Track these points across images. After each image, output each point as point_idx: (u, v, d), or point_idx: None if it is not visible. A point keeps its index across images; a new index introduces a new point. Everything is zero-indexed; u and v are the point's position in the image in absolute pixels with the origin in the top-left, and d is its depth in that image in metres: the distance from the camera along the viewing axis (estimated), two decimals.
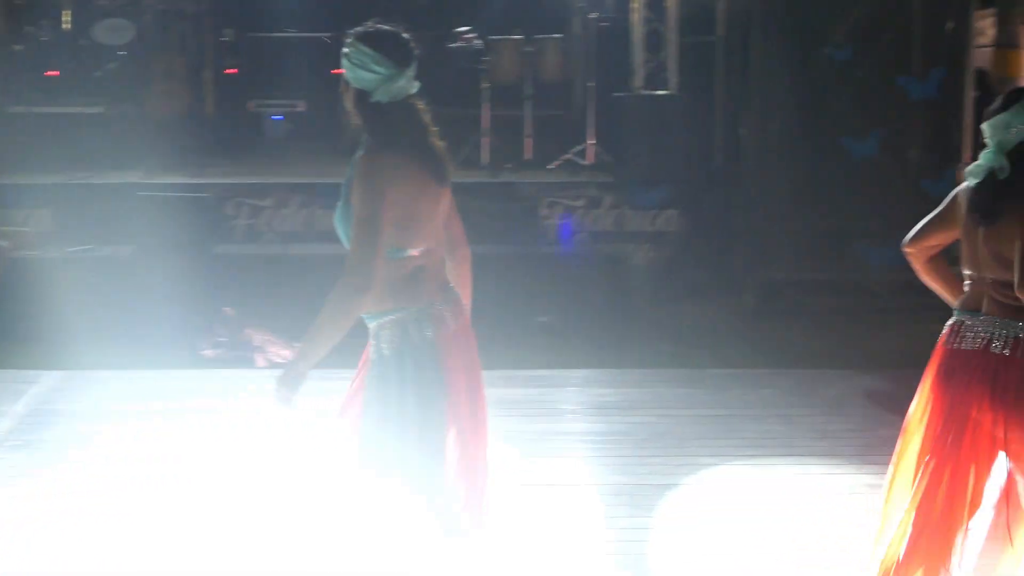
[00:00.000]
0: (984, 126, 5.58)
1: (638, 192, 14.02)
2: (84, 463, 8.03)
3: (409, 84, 5.09)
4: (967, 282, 5.54)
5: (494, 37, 15.48)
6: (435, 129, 5.22)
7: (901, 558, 5.45)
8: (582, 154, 15.01)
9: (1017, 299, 5.12)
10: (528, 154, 15.08)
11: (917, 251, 5.84)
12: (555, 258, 13.46)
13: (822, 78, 13.62)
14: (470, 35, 15.47)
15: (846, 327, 12.23)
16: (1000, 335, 5.33)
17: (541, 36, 16.74)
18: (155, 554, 6.72)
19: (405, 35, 5.11)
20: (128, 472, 7.83)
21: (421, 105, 5.23)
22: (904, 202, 13.56)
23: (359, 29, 5.08)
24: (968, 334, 5.47)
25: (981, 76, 14.29)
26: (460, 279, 5.34)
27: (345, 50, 5.16)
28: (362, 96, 5.11)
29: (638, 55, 15.48)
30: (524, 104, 15.53)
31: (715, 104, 15.10)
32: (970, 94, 13.84)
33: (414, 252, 5.06)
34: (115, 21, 18.62)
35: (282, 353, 10.81)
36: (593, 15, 16.32)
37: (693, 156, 14.64)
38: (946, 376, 5.56)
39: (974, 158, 14.16)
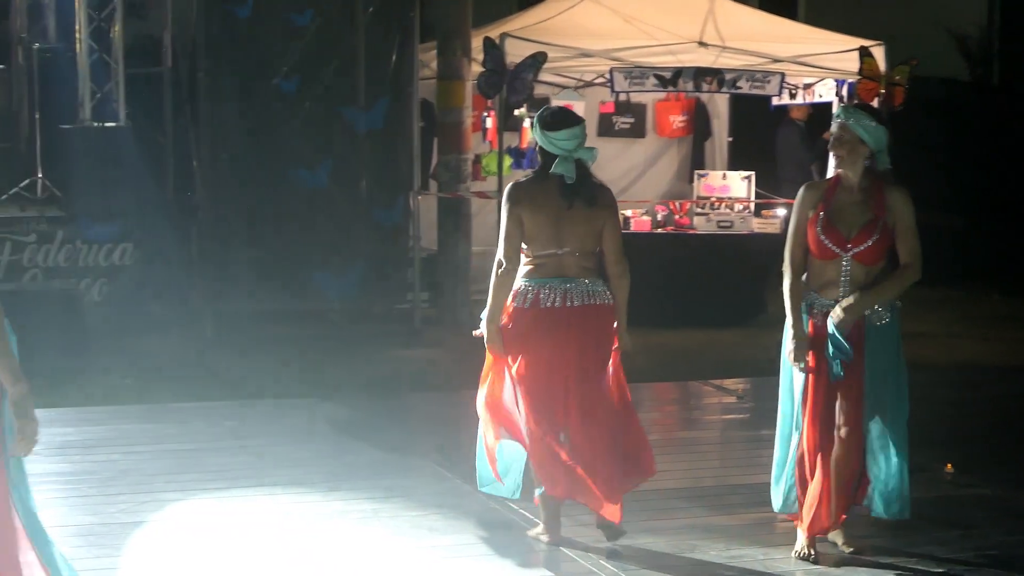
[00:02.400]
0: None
1: (91, 226, 13.66)
2: None
3: None
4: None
5: None
6: None
7: None
8: (30, 188, 14.55)
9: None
10: None
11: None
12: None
13: (271, 109, 13.65)
14: None
15: (306, 356, 12.28)
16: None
17: None
18: None
19: None
20: None
21: None
22: (357, 232, 13.80)
23: None
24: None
25: (426, 106, 14.66)
26: None
27: None
28: None
29: (84, 86, 15.13)
30: None
31: (166, 135, 14.94)
32: (416, 124, 14.19)
33: None
34: None
35: None
36: (36, 45, 15.88)
37: (146, 188, 14.35)
38: (546, 329, 6.89)
39: (423, 185, 14.54)
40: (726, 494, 7.68)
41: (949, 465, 8.57)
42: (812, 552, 6.91)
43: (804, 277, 6.89)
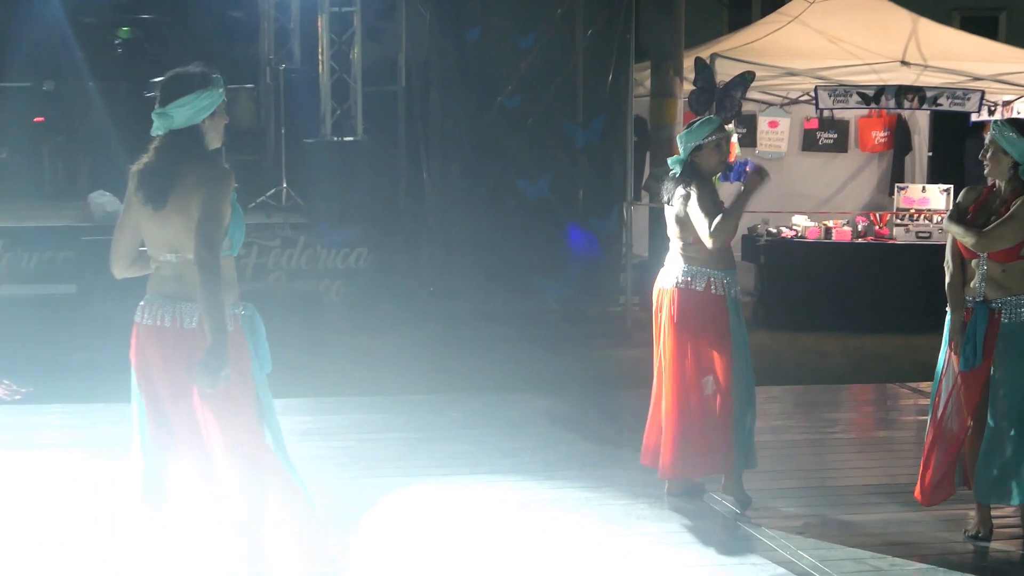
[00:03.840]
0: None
1: (330, 232, 13.93)
2: None
3: None
4: None
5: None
6: None
7: None
8: (276, 197, 14.90)
9: None
10: None
11: None
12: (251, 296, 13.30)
13: (496, 125, 13.78)
14: None
15: (524, 353, 12.31)
16: None
17: (234, 86, 16.58)
18: None
19: None
20: None
21: None
22: (574, 239, 13.88)
23: None
24: None
25: (640, 122, 14.70)
26: None
27: None
28: None
29: (326, 104, 15.47)
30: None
31: (399, 148, 15.17)
32: (630, 139, 14.23)
33: None
34: None
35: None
36: (283, 66, 16.27)
37: (380, 197, 14.59)
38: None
39: (636, 196, 14.58)
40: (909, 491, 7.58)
41: None
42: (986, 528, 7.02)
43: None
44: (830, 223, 14.13)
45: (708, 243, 7.07)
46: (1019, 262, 6.77)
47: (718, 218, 7.09)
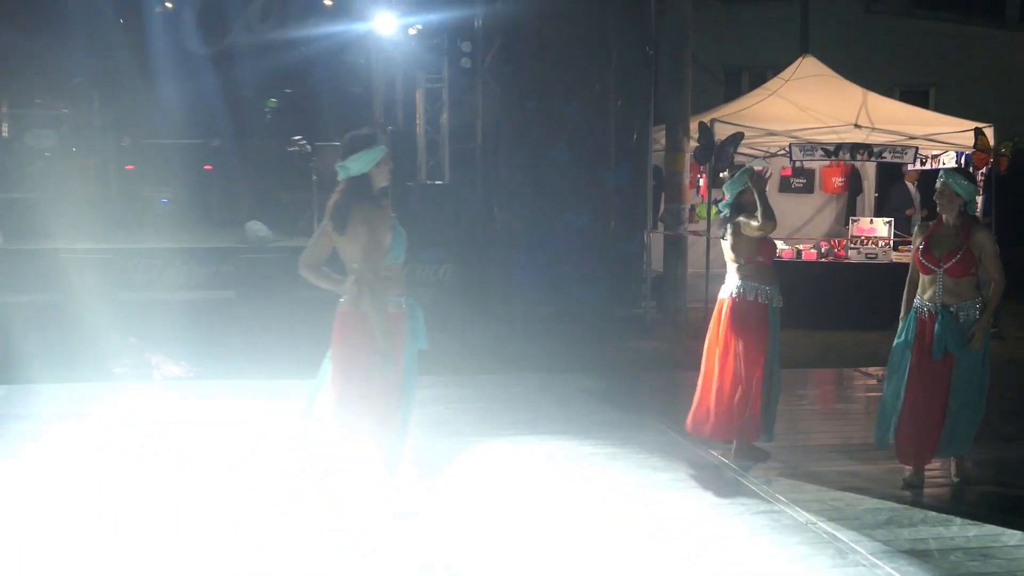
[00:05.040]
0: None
1: (423, 252, 13.96)
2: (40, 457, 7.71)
3: None
4: None
5: (319, 143, 15.40)
6: None
7: None
8: None
9: None
10: None
11: None
12: None
13: (549, 172, 13.79)
14: (302, 141, 15.34)
15: (568, 345, 12.28)
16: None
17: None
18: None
19: None
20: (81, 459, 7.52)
21: None
22: (606, 258, 13.88)
23: None
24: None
25: (656, 171, 14.66)
26: None
27: None
28: None
29: (422, 156, 15.54)
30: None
31: (476, 190, 15.21)
32: (650, 183, 14.20)
33: None
34: (42, 131, 18.04)
35: (173, 370, 10.60)
36: (389, 128, 16.38)
37: (461, 227, 14.63)
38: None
39: (654, 226, 14.31)
40: (868, 449, 7.52)
41: None
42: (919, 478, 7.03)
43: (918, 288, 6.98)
44: (801, 247, 14.05)
45: (767, 230, 7.30)
46: (970, 278, 6.80)
47: (759, 216, 7.29)
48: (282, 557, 5.64)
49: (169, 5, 16.56)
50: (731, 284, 7.48)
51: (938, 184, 6.89)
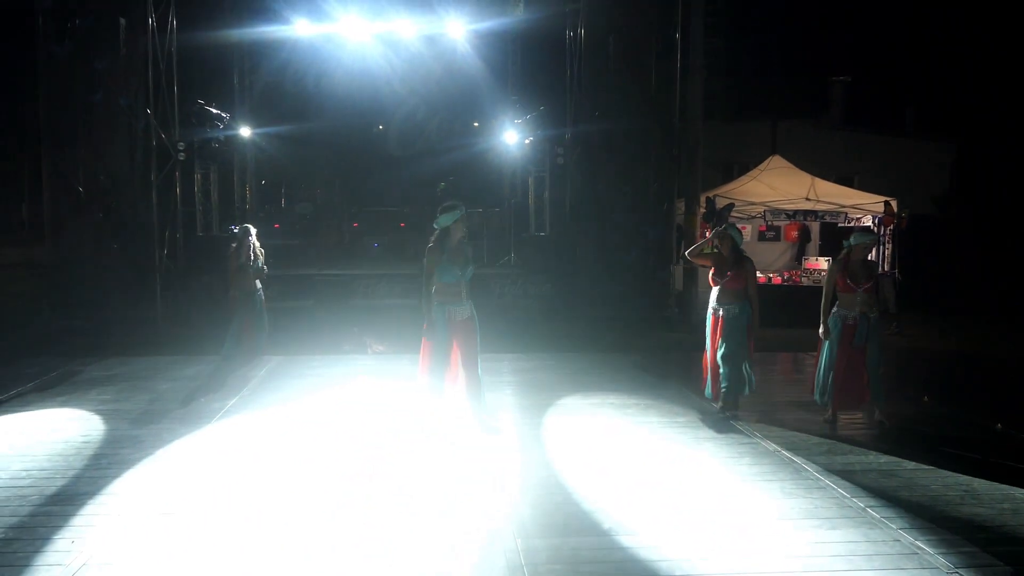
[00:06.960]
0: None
1: (530, 276, 14.00)
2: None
3: None
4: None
5: (468, 209, 15.55)
6: None
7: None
8: (508, 261, 15.09)
9: None
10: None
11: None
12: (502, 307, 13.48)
13: (612, 233, 13.69)
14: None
15: (619, 335, 12.03)
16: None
17: (489, 208, 16.93)
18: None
19: None
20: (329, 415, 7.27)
21: None
22: (647, 281, 13.72)
23: None
24: None
25: (679, 228, 14.54)
26: None
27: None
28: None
29: (532, 218, 15.64)
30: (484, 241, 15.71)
31: (565, 238, 15.25)
32: (674, 235, 14.06)
33: None
34: (304, 203, 18.65)
35: (379, 348, 10.66)
36: (512, 200, 16.51)
37: (556, 261, 14.62)
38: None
39: (677, 260, 13.61)
40: (813, 405, 7.36)
41: (926, 398, 8.06)
42: (835, 419, 6.95)
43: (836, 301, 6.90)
44: (771, 275, 13.81)
45: (691, 262, 7.23)
46: (874, 294, 6.76)
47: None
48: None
49: (381, 127, 17.08)
50: (711, 300, 7.31)
51: (853, 239, 6.86)
